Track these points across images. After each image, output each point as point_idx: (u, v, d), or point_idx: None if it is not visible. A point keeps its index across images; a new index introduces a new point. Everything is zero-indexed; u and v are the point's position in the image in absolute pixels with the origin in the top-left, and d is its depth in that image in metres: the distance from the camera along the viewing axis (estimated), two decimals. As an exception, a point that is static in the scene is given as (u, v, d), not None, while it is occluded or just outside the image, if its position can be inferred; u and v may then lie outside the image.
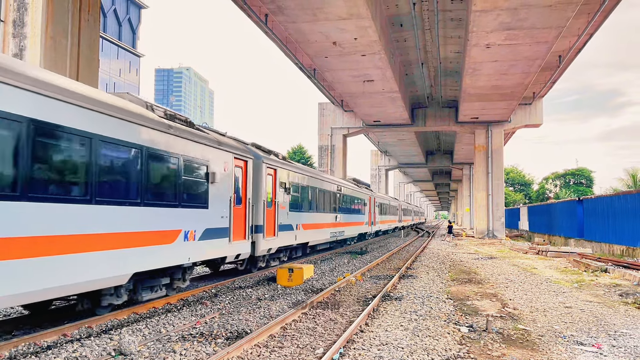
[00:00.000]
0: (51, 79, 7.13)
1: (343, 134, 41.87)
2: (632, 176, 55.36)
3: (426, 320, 8.80)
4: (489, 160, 39.61)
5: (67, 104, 7.12)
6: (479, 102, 32.50)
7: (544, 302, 11.06)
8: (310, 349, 6.91)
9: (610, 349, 7.33)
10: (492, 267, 18.57)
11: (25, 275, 6.34)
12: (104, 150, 7.83)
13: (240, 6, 21.12)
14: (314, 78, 31.60)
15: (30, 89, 6.46)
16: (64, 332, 7.47)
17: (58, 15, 15.76)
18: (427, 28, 24.78)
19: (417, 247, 28.74)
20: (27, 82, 6.46)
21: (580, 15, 21.39)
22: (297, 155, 64.28)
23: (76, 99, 7.29)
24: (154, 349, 6.71)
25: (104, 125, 7.81)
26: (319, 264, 18.10)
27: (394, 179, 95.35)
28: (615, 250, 26.07)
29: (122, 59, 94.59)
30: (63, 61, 15.90)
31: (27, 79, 6.48)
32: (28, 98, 6.45)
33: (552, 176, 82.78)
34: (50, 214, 6.76)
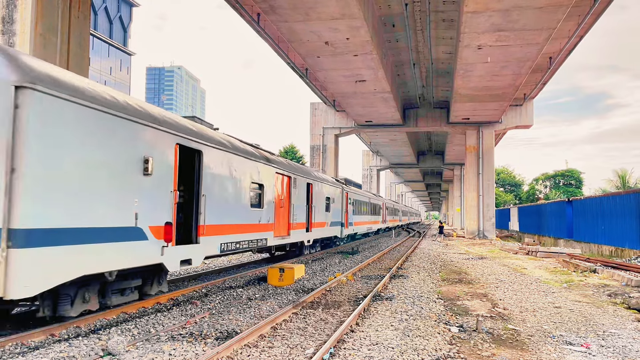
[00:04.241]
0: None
1: (335, 134, 41.91)
2: (620, 177, 55.96)
3: (417, 320, 8.81)
4: (480, 160, 39.81)
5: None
6: (470, 103, 32.64)
7: (534, 302, 11.12)
8: (300, 349, 6.89)
9: (598, 348, 7.38)
10: (482, 267, 18.65)
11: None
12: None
13: (232, 5, 21.06)
14: (306, 78, 31.58)
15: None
16: (52, 332, 7.40)
17: (47, 12, 15.62)
18: (419, 29, 24.85)
19: (408, 247, 28.80)
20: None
21: (570, 18, 21.55)
22: (288, 155, 64.20)
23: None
24: (142, 349, 6.65)
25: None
26: (310, 264, 18.08)
27: (385, 179, 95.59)
28: (604, 250, 26.29)
29: (113, 57, 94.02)
30: (53, 59, 15.76)
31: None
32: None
33: (542, 177, 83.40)
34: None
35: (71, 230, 6.93)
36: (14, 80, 6.18)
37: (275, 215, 15.49)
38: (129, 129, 8.12)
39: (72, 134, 6.96)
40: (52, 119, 6.61)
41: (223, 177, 11.55)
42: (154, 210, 8.84)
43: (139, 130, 8.38)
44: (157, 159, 8.81)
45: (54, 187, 6.66)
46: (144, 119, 8.51)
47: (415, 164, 68.28)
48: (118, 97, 8.23)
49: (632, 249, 22.93)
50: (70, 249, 6.91)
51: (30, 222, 6.27)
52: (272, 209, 15.04)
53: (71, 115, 6.94)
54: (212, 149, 10.91)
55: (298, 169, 18.45)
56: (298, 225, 17.98)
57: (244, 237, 12.93)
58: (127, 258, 8.20)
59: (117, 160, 7.88)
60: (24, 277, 6.18)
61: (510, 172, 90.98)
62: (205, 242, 10.68)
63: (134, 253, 8.34)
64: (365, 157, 73.25)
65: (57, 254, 6.71)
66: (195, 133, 10.35)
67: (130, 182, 8.20)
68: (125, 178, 8.06)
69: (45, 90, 6.46)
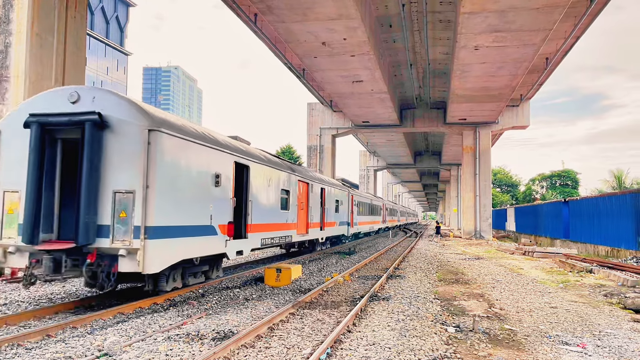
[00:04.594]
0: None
1: (332, 134, 41.91)
2: (616, 178, 56.11)
3: (413, 320, 8.83)
4: (477, 161, 39.88)
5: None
6: (467, 103, 32.70)
7: (530, 303, 11.15)
8: (297, 349, 6.89)
9: (594, 348, 7.40)
10: (479, 267, 18.68)
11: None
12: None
13: (229, 5, 21.05)
14: (303, 78, 31.57)
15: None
16: (48, 332, 7.38)
17: (44, 12, 15.58)
18: (416, 29, 24.88)
19: (405, 247, 28.83)
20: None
21: (567, 18, 21.62)
22: (285, 155, 64.18)
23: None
24: (139, 350, 6.64)
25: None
26: (307, 264, 18.09)
27: (382, 180, 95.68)
28: (600, 250, 26.37)
29: (109, 57, 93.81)
30: (49, 58, 15.73)
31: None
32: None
33: (538, 177, 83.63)
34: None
35: (177, 227, 9.61)
36: (147, 125, 8.91)
37: (298, 216, 18.19)
38: (207, 152, 10.89)
39: (177, 159, 9.69)
40: (168, 150, 9.30)
41: (262, 185, 14.41)
42: (221, 213, 11.48)
43: (212, 153, 11.13)
44: (223, 174, 11.57)
45: (168, 196, 9.31)
46: (215, 144, 11.26)
47: (412, 165, 68.35)
48: (199, 129, 11.11)
49: (628, 249, 23.00)
50: (176, 240, 9.59)
51: (156, 221, 8.88)
52: (295, 210, 17.79)
53: (177, 146, 9.63)
54: (255, 164, 13.76)
55: (314, 176, 21.53)
56: (314, 224, 20.76)
57: (276, 234, 15.73)
58: (206, 248, 10.90)
59: (201, 176, 10.60)
60: (153, 259, 8.80)
61: (507, 173, 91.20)
62: (251, 237, 13.41)
63: (209, 244, 11.00)
64: (363, 157, 73.31)
65: (170, 244, 9.39)
66: (245, 152, 13.22)
67: (208, 192, 10.90)
68: (205, 189, 10.77)
69: (164, 131, 9.15)
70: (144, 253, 8.60)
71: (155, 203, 8.82)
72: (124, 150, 8.95)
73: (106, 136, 8.98)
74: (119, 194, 8.85)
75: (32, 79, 15.08)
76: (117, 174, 8.93)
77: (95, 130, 8.85)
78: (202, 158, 10.67)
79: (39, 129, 9.01)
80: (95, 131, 8.84)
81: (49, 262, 8.77)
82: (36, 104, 9.44)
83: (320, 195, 21.71)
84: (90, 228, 8.71)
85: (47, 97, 9.48)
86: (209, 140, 11.11)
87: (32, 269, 8.88)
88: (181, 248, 9.80)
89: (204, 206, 10.69)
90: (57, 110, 9.15)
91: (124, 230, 8.76)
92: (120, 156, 8.95)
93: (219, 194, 11.41)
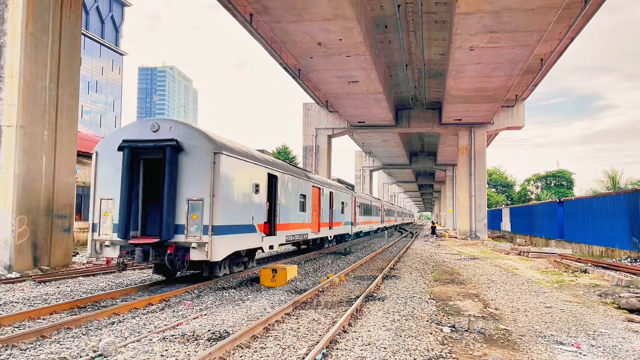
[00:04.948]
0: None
1: (328, 135, 41.94)
2: (611, 178, 56.40)
3: (409, 320, 8.84)
4: (472, 161, 39.99)
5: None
6: (462, 104, 32.78)
7: (525, 302, 11.18)
8: (293, 349, 6.89)
9: (589, 348, 7.43)
10: (474, 267, 18.73)
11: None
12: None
13: (225, 5, 21.03)
14: (299, 78, 31.58)
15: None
16: (43, 333, 7.36)
17: (38, 11, 15.52)
18: (411, 30, 24.93)
19: (400, 247, 28.86)
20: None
21: (561, 19, 21.71)
22: (281, 155, 64.15)
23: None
24: (134, 350, 6.62)
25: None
26: (303, 265, 18.09)
27: (378, 180, 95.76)
28: (595, 251, 26.48)
29: (104, 57, 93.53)
30: (44, 58, 15.68)
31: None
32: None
33: (533, 178, 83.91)
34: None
35: (232, 226, 12.33)
36: (212, 149, 11.64)
37: (312, 216, 20.95)
38: (250, 167, 13.63)
39: (232, 173, 12.37)
40: (226, 167, 11.96)
41: (287, 191, 17.19)
42: (259, 214, 14.21)
43: (253, 167, 13.89)
44: (260, 183, 14.36)
45: (227, 202, 12.00)
46: (254, 160, 13.99)
47: (408, 165, 68.46)
48: (243, 148, 13.88)
49: (622, 249, 23.12)
50: (232, 236, 12.33)
51: (219, 221, 11.58)
52: (310, 212, 20.51)
53: (232, 164, 12.35)
54: (281, 173, 16.50)
55: (325, 181, 24.57)
56: (324, 224, 23.41)
57: (297, 232, 18.58)
58: (249, 242, 13.67)
59: (246, 186, 13.34)
60: (217, 249, 11.56)
61: (502, 173, 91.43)
62: (279, 235, 16.19)
63: (251, 240, 13.75)
64: (358, 157, 73.37)
65: (228, 239, 12.10)
66: (273, 164, 15.97)
67: (250, 198, 13.63)
68: (249, 196, 13.50)
69: (224, 153, 11.88)
70: (211, 246, 11.36)
71: (218, 208, 11.56)
72: (195, 168, 11.67)
73: (181, 157, 11.67)
74: (192, 201, 11.59)
75: (26, 78, 15.02)
76: (190, 186, 11.63)
77: (174, 152, 11.53)
78: (247, 172, 13.48)
79: (129, 151, 11.67)
80: (174, 153, 11.53)
81: (140, 252, 11.45)
82: (126, 132, 12.07)
83: (329, 198, 24.34)
84: (170, 227, 11.37)
85: (134, 127, 12.23)
86: (251, 157, 13.89)
87: (123, 258, 11.66)
88: (234, 242, 12.57)
89: (248, 209, 13.49)
90: (143, 137, 11.77)
91: (195, 229, 11.46)
92: (192, 172, 11.67)
93: (258, 199, 14.23)
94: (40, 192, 15.45)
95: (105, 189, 12.08)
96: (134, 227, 11.79)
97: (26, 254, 14.91)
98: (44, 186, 15.61)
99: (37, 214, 15.32)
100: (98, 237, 11.95)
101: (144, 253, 11.49)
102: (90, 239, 11.99)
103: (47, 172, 15.73)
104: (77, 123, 17.59)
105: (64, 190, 16.41)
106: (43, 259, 15.47)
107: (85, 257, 19.74)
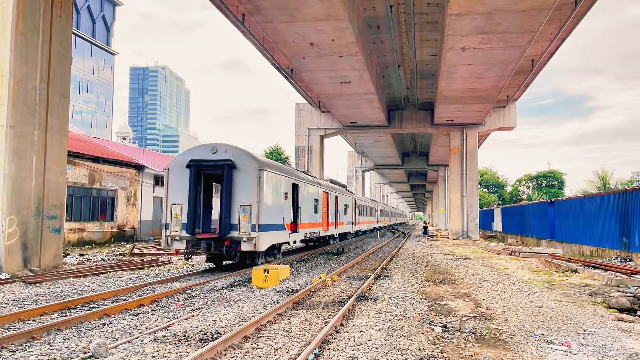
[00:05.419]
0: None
1: (320, 135, 41.92)
2: (601, 178, 56.85)
3: (401, 320, 8.86)
4: (464, 162, 40.14)
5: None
6: (454, 104, 32.89)
7: (516, 302, 11.25)
8: (285, 349, 6.89)
9: (579, 347, 7.49)
10: (466, 267, 18.81)
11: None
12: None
13: (217, 5, 20.98)
14: (292, 79, 31.56)
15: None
16: (33, 334, 7.30)
17: (29, 11, 15.41)
18: (403, 30, 24.99)
19: (392, 247, 28.92)
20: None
21: (552, 21, 21.84)
22: (274, 155, 64.09)
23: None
24: (124, 351, 6.59)
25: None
26: (295, 265, 18.08)
27: (370, 180, 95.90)
28: (585, 250, 26.66)
29: (96, 56, 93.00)
30: (34, 58, 15.56)
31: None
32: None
33: (525, 178, 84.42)
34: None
35: (271, 224, 16.05)
36: (258, 166, 15.25)
37: (322, 217, 24.67)
38: (281, 178, 17.42)
39: (270, 184, 16.04)
40: (267, 180, 15.59)
41: (305, 196, 21.09)
42: (287, 216, 18.15)
43: (283, 178, 17.74)
44: (288, 191, 18.22)
45: (268, 206, 15.68)
46: (283, 172, 17.95)
47: (400, 165, 68.60)
48: (274, 164, 17.90)
49: (612, 249, 23.30)
50: (271, 232, 16.09)
51: (263, 221, 15.19)
52: (321, 213, 24.26)
53: (270, 177, 16.04)
54: (301, 182, 20.57)
55: (332, 187, 28.66)
56: (332, 223, 27.24)
57: (312, 230, 22.44)
58: (280, 237, 17.51)
59: (279, 193, 17.09)
60: (261, 242, 15.16)
61: (494, 173, 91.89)
62: (300, 232, 20.29)
63: (282, 235, 17.64)
64: (351, 158, 73.45)
65: (269, 234, 15.86)
66: (296, 175, 19.96)
67: (281, 203, 17.39)
68: (280, 201, 17.25)
69: (266, 169, 15.53)
70: (257, 239, 14.92)
71: (262, 210, 15.10)
72: (245, 181, 15.18)
73: (235, 173, 15.18)
74: (243, 206, 15.01)
75: (16, 78, 14.91)
76: (242, 194, 15.10)
77: (229, 169, 15.08)
78: (280, 182, 17.17)
79: (195, 168, 15.16)
80: (229, 170, 15.07)
81: (205, 245, 14.82)
82: (192, 154, 15.67)
83: (335, 201, 28.05)
84: (227, 226, 14.90)
85: (197, 150, 15.94)
86: (281, 170, 17.76)
87: (189, 249, 14.97)
88: (272, 237, 16.39)
89: (280, 212, 17.19)
90: (205, 157, 15.34)
91: (245, 227, 14.95)
92: (243, 184, 15.16)
93: (286, 204, 18.00)
94: (30, 192, 15.33)
95: (175, 196, 15.37)
96: (198, 226, 15.33)
97: (16, 254, 14.80)
98: (34, 186, 15.49)
99: (27, 214, 15.20)
100: (169, 234, 15.21)
101: (207, 245, 14.77)
102: (163, 234, 15.33)
103: (37, 172, 15.61)
104: (68, 123, 17.47)
105: (54, 191, 16.30)
106: (33, 260, 15.36)
107: (75, 258, 19.63)
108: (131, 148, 43.01)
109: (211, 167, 15.28)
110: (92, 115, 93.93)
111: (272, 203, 16.12)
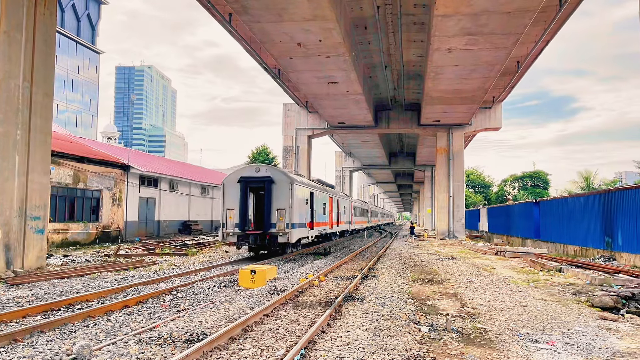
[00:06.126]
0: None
1: (307, 135, 41.88)
2: (585, 179, 57.53)
3: (387, 320, 8.87)
4: (450, 162, 40.36)
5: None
6: (440, 105, 33.06)
7: (502, 301, 11.33)
8: (271, 350, 6.86)
9: (563, 346, 7.56)
10: (452, 267, 18.91)
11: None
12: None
13: (204, 5, 20.86)
14: (279, 79, 31.48)
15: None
16: (15, 336, 7.19)
17: (12, 9, 15.20)
18: (390, 31, 25.05)
19: (379, 247, 28.99)
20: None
21: (537, 23, 22.05)
22: (261, 156, 63.89)
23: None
24: (109, 353, 6.52)
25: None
26: (282, 265, 18.04)
27: (357, 180, 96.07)
28: (570, 250, 26.95)
29: (80, 55, 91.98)
30: (17, 56, 15.35)
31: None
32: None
33: (510, 178, 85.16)
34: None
35: (299, 223, 21.62)
36: (290, 181, 20.71)
37: (328, 217, 30.18)
38: (304, 188, 22.71)
39: (298, 193, 21.34)
40: (296, 191, 21.08)
41: (317, 201, 26.01)
42: (307, 217, 23.10)
43: (305, 188, 22.91)
44: (308, 198, 23.16)
45: (296, 210, 21.02)
46: (304, 184, 22.97)
47: (387, 166, 68.80)
48: (302, 178, 24.34)
49: (596, 249, 23.58)
50: (299, 229, 21.50)
51: (294, 220, 20.64)
52: (327, 214, 29.71)
53: (298, 188, 21.49)
54: (315, 190, 25.65)
55: (335, 192, 35.21)
56: (335, 223, 32.99)
57: (322, 228, 27.73)
58: (303, 233, 22.65)
59: (303, 200, 22.35)
60: (293, 236, 20.57)
61: (480, 174, 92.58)
62: (315, 229, 25.17)
63: (305, 232, 22.79)
64: (338, 158, 73.47)
65: (298, 231, 21.36)
66: (311, 185, 25.39)
67: (304, 207, 22.62)
68: (304, 206, 22.49)
69: (295, 183, 21.06)
70: (290, 234, 20.12)
71: (293, 213, 20.34)
72: (281, 192, 20.36)
73: (273, 187, 20.39)
74: (280, 210, 20.20)
75: (-1, 76, 14.68)
76: (279, 202, 20.29)
77: (270, 184, 20.32)
78: (303, 191, 22.48)
79: (244, 183, 20.45)
80: (270, 184, 20.32)
81: (253, 238, 19.94)
82: (242, 172, 20.84)
83: (337, 204, 33.89)
84: (268, 224, 20.10)
85: (245, 169, 21.12)
86: (304, 183, 23.19)
87: (239, 241, 19.93)
88: (299, 232, 21.54)
89: (303, 214, 22.30)
90: (251, 175, 20.67)
91: (281, 224, 20.11)
92: (279, 194, 20.34)
93: (307, 207, 23.15)
94: (13, 192, 15.11)
95: (229, 203, 20.54)
96: (247, 224, 20.52)
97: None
98: (17, 187, 15.27)
99: (9, 215, 14.98)
100: (225, 230, 20.34)
101: (255, 239, 19.93)
102: (221, 231, 20.50)
103: (20, 172, 15.40)
104: (52, 122, 17.26)
105: (37, 191, 16.09)
106: (16, 261, 15.15)
107: (59, 259, 19.39)
108: (117, 148, 42.62)
109: (256, 182, 20.53)
110: (77, 114, 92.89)
111: (300, 207, 21.35)
